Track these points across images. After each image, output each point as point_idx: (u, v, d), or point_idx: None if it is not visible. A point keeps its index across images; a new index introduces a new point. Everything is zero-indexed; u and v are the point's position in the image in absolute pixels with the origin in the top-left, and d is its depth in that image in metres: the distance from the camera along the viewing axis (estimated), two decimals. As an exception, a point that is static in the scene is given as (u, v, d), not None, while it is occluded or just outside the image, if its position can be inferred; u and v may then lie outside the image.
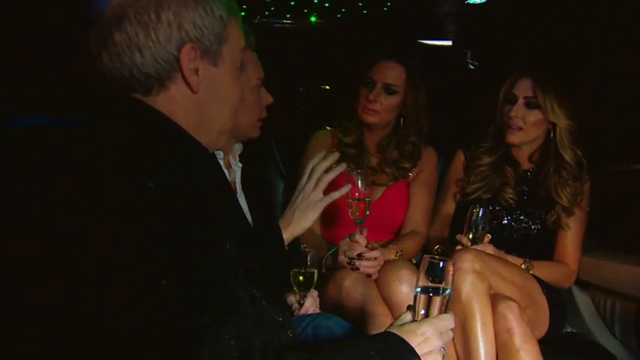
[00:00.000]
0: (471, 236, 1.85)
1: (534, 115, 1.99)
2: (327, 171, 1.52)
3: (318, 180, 1.50)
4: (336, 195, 1.52)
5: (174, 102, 1.02)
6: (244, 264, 1.14)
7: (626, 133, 2.11)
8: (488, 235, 1.87)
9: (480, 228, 1.84)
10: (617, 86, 2.09)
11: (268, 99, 1.74)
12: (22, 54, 2.09)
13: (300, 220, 1.49)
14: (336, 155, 1.55)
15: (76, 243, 0.86)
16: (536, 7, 2.21)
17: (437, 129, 2.70)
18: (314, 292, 1.67)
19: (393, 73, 2.04)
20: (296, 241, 1.55)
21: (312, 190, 1.49)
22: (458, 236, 1.87)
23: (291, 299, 1.67)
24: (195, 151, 1.04)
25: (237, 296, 0.91)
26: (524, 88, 2.00)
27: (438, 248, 2.06)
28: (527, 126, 2.00)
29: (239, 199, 1.77)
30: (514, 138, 2.03)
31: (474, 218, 1.85)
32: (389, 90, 2.04)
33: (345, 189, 1.57)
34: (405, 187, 2.16)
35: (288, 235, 1.48)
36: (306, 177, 1.53)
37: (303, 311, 1.62)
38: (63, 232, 0.89)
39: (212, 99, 1.04)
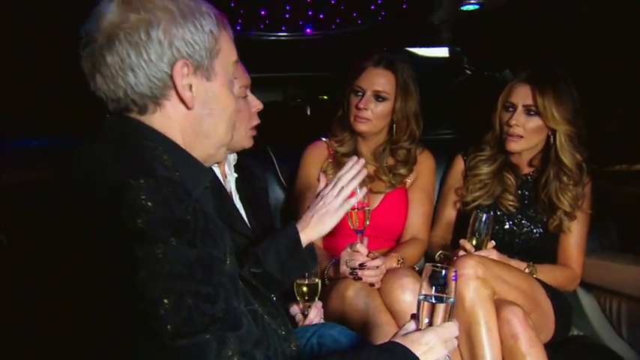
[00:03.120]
0: (474, 242, 1.84)
1: (534, 122, 1.99)
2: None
3: (342, 188, 1.49)
4: (352, 201, 1.51)
5: (170, 119, 1.02)
6: (245, 278, 1.14)
7: (627, 133, 2.10)
8: (492, 241, 1.86)
9: (484, 233, 1.83)
10: (617, 87, 2.09)
11: (258, 105, 1.73)
12: (20, 76, 2.11)
13: (317, 225, 1.47)
14: (362, 162, 1.53)
15: (80, 262, 0.87)
16: (531, 12, 2.21)
17: (435, 134, 2.71)
18: (318, 303, 1.66)
19: (381, 80, 2.04)
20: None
21: (334, 197, 1.48)
22: (461, 241, 1.86)
23: (295, 310, 1.67)
24: (193, 168, 1.04)
25: (239, 312, 0.91)
26: (522, 96, 2.00)
27: (440, 254, 2.05)
28: (527, 133, 2.00)
29: (237, 207, 1.78)
30: (515, 146, 2.02)
31: (477, 224, 1.84)
32: (378, 97, 2.04)
33: (361, 194, 1.56)
34: (404, 193, 2.16)
35: (305, 238, 1.47)
36: (323, 183, 1.53)
37: (307, 322, 1.61)
38: (66, 254, 0.89)
39: (207, 114, 1.05)
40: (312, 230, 1.46)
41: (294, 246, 1.42)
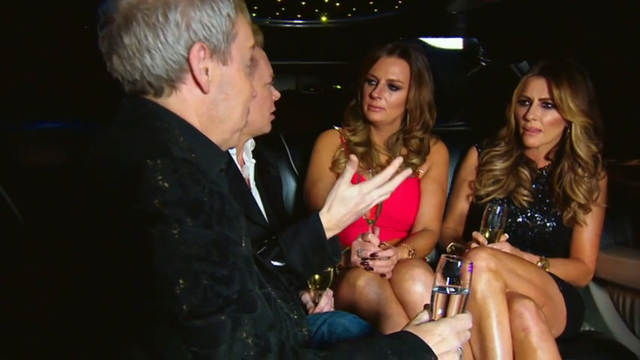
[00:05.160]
0: (487, 234, 1.83)
1: (551, 115, 1.96)
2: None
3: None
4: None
5: (185, 102, 1.02)
6: (259, 261, 1.14)
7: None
8: (505, 234, 1.85)
9: (497, 226, 1.82)
10: (635, 80, 2.05)
11: (277, 94, 1.79)
12: (35, 59, 2.12)
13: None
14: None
15: (97, 243, 0.87)
16: (551, 2, 2.18)
17: (449, 125, 2.69)
18: (329, 292, 1.67)
19: (395, 69, 2.03)
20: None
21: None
22: (474, 233, 1.85)
23: (306, 297, 1.67)
24: (209, 151, 1.04)
25: (254, 294, 0.91)
26: (538, 90, 1.97)
27: (452, 246, 2.04)
28: (545, 127, 1.97)
29: (253, 195, 1.78)
30: (533, 140, 1.99)
31: (490, 216, 1.83)
32: (392, 86, 2.02)
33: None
34: (416, 184, 2.15)
35: (330, 233, 1.38)
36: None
37: (317, 310, 1.62)
38: (83, 234, 0.90)
39: (223, 98, 1.05)
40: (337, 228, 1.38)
41: (319, 243, 1.35)
